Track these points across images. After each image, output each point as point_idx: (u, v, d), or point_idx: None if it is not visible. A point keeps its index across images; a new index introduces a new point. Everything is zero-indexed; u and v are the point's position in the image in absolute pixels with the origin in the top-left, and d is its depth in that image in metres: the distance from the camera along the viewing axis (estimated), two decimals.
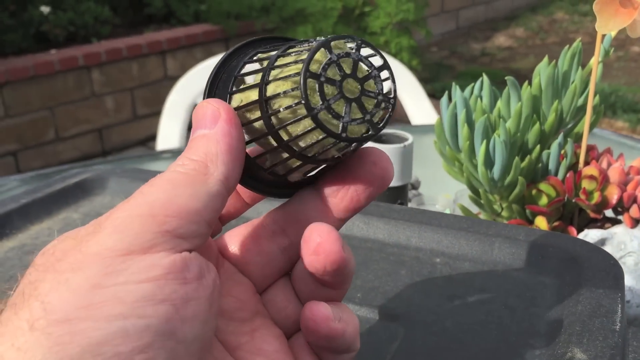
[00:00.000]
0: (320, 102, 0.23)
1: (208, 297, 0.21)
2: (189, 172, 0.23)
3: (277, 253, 0.26)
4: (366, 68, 0.24)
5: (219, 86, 0.25)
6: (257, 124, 0.24)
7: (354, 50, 0.24)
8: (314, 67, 0.23)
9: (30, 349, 0.18)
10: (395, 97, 0.25)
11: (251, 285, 0.26)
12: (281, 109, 0.23)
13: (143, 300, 0.19)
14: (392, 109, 0.25)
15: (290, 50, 0.24)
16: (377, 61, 0.25)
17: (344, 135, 0.23)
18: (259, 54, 0.26)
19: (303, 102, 0.23)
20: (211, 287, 0.22)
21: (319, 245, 0.23)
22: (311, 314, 0.24)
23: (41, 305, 0.19)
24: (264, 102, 0.24)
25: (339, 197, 0.25)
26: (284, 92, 0.23)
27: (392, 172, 0.26)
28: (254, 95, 0.24)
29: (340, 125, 0.23)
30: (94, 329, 0.19)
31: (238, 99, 0.25)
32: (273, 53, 0.25)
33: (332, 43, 0.24)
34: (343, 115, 0.23)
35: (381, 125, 0.24)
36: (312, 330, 0.24)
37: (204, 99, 0.25)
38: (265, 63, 0.25)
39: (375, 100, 0.24)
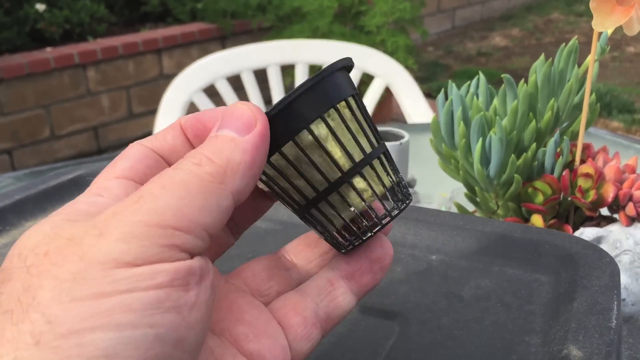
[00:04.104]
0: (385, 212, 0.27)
1: (207, 300, 0.21)
2: (205, 177, 0.21)
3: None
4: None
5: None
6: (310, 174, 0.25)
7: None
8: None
9: None
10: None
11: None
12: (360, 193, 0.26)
13: (152, 308, 0.19)
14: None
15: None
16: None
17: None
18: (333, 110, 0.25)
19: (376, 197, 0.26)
20: (209, 290, 0.21)
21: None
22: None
23: (43, 317, 0.18)
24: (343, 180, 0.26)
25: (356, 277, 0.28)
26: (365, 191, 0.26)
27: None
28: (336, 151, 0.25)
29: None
30: (103, 339, 0.18)
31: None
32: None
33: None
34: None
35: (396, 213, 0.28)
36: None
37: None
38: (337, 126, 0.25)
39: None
